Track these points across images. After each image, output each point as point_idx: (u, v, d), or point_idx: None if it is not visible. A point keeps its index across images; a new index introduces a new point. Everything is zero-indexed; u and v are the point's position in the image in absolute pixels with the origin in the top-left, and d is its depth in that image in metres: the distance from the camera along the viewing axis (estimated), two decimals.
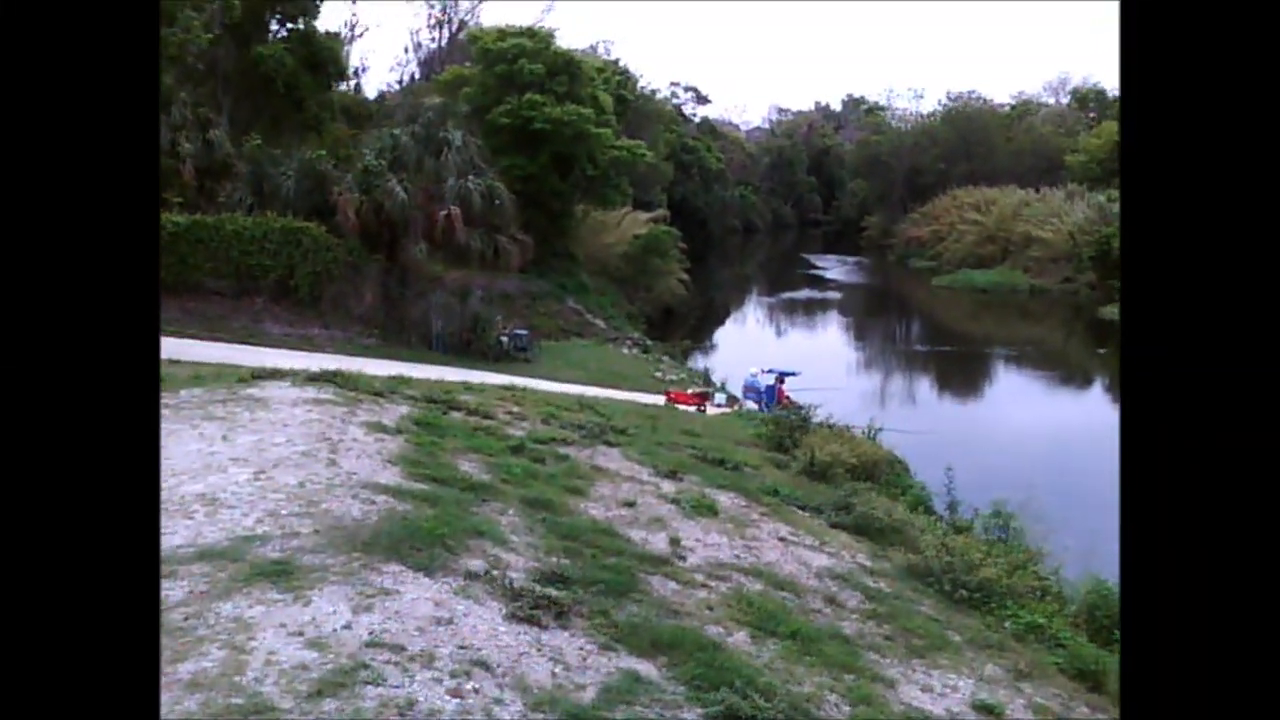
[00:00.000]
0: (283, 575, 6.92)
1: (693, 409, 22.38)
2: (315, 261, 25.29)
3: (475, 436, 12.50)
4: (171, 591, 6.57)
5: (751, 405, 24.85)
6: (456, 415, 13.81)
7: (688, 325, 49.83)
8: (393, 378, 16.40)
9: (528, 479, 11.08)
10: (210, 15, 27.48)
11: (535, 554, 8.62)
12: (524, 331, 27.82)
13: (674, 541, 10.15)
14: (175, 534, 7.61)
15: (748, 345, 47.71)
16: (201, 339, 22.93)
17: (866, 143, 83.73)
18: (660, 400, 23.31)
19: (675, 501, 11.82)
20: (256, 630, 6.09)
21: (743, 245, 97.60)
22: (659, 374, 27.87)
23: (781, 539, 11.51)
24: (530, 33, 37.14)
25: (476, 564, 7.87)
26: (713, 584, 9.21)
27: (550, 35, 37.99)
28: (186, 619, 6.22)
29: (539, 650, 6.64)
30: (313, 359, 22.17)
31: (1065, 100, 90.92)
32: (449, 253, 26.62)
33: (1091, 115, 79.10)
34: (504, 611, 7.06)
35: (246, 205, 25.80)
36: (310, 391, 13.19)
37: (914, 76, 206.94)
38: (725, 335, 52.96)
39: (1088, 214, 53.16)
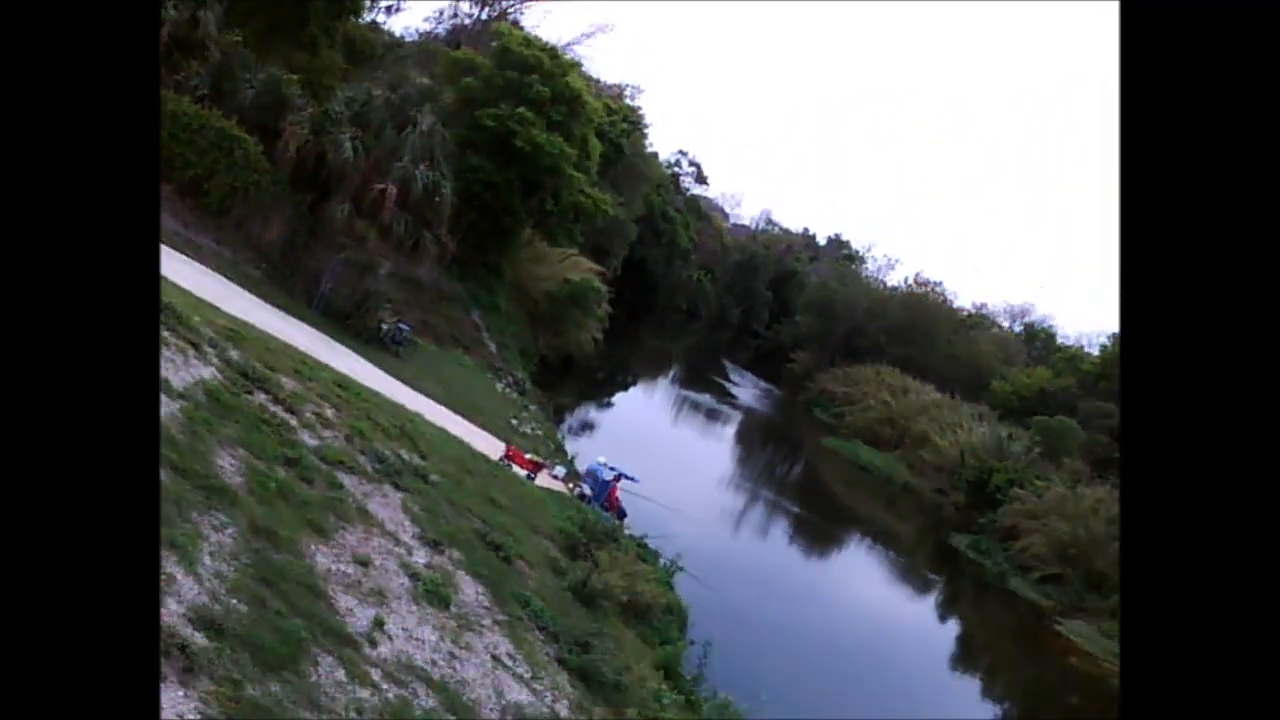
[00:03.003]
0: None
1: (524, 474, 22.17)
2: (238, 176, 24.69)
3: (258, 430, 12.13)
4: None
5: (585, 491, 24.76)
6: (260, 398, 13.43)
7: (583, 381, 49.86)
8: (230, 328, 15.93)
9: (278, 499, 10.76)
10: None
11: (216, 587, 8.32)
12: (407, 327, 27.41)
13: (378, 623, 9.92)
14: None
15: (633, 424, 47.87)
16: None
17: (828, 286, 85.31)
18: (500, 449, 23.07)
19: (415, 576, 11.59)
20: None
21: (680, 326, 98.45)
22: (516, 421, 27.62)
23: (495, 658, 11.32)
24: (554, 53, 37.21)
25: None
26: (384, 686, 8.98)
27: (573, 64, 38.14)
28: None
29: None
30: (186, 268, 21.59)
31: (1019, 329, 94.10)
32: (371, 225, 26.19)
33: (1033, 354, 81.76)
34: None
35: (200, 95, 25.15)
36: None
37: (902, 238, 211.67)
38: (631, 410, 53.26)
39: (985, 440, 54.62)
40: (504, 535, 15.40)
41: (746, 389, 73.71)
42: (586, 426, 43.38)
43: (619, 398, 57.39)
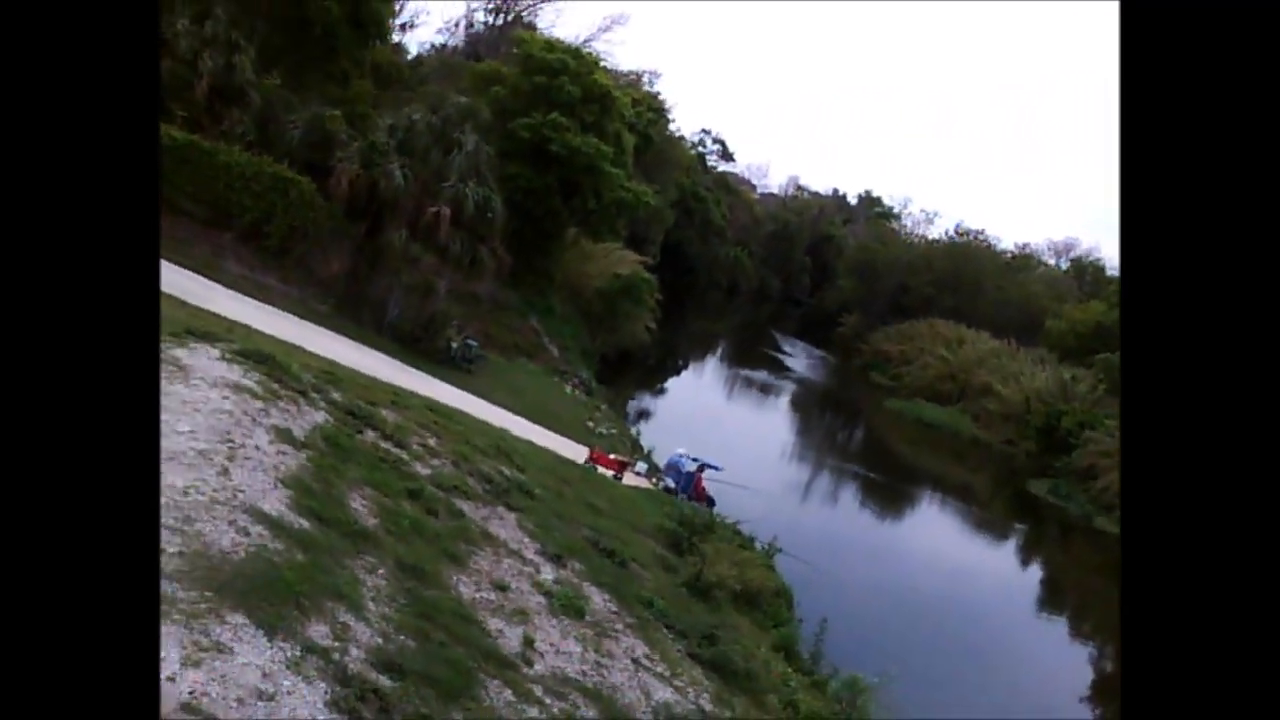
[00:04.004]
0: None
1: (610, 474, 22.52)
2: (296, 215, 25.24)
3: (379, 468, 12.54)
4: None
5: (669, 484, 25.07)
6: (370, 435, 13.85)
7: (638, 371, 50.17)
8: (325, 371, 16.38)
9: (412, 534, 11.16)
10: None
11: (386, 629, 8.71)
12: (475, 343, 27.86)
13: (528, 642, 10.28)
14: None
15: (690, 408, 48.09)
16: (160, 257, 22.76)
17: (867, 247, 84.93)
18: (583, 453, 23.44)
19: (548, 593, 11.95)
20: None
21: (722, 304, 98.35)
22: (592, 423, 27.99)
23: (635, 660, 11.67)
24: (576, 53, 37.40)
25: (322, 631, 7.95)
26: (548, 700, 9.34)
27: (596, 62, 38.30)
28: None
29: None
30: (261, 310, 22.17)
31: (1065, 265, 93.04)
32: (428, 247, 26.62)
33: (1084, 289, 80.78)
34: (328, 696, 7.15)
35: (247, 140, 25.70)
36: (236, 371, 13.16)
37: (935, 192, 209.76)
38: (684, 394, 53.48)
39: (1048, 384, 54.21)
40: (613, 540, 15.74)
41: (799, 359, 73.62)
42: (643, 414, 43.66)
43: (672, 383, 57.65)
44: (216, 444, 10.44)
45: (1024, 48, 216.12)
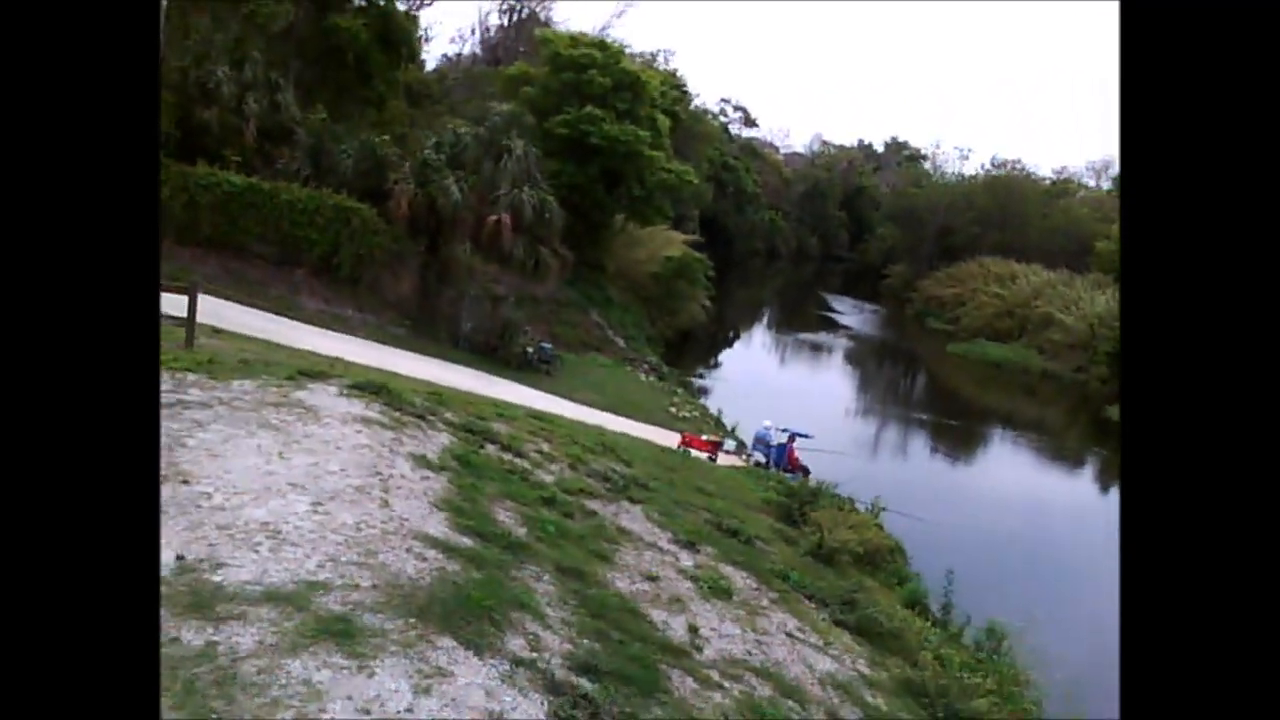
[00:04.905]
0: (346, 636, 7.29)
1: (705, 456, 22.77)
2: (361, 243, 25.69)
3: (510, 480, 12.85)
4: (242, 638, 6.93)
5: (759, 458, 25.26)
6: (491, 449, 14.19)
7: (700, 348, 50.28)
8: (430, 393, 16.75)
9: (559, 538, 11.45)
10: None
11: (569, 633, 8.99)
12: (548, 345, 28.23)
13: (692, 629, 10.54)
14: (243, 567, 7.98)
15: (752, 378, 48.11)
16: (239, 302, 23.30)
17: (904, 193, 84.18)
18: (674, 438, 23.71)
19: (694, 579, 12.21)
20: (326, 700, 6.46)
21: (763, 270, 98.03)
22: (673, 408, 28.23)
23: (789, 634, 11.90)
24: (601, 44, 37.51)
25: (519, 643, 8.25)
26: (727, 684, 9.59)
27: (621, 50, 38.40)
28: (259, 673, 6.59)
29: None
30: (345, 342, 22.64)
31: (1106, 185, 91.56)
32: (491, 256, 26.99)
33: None
34: (547, 708, 7.45)
35: (303, 176, 26.17)
36: (358, 405, 13.55)
37: (964, 130, 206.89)
38: (737, 365, 53.47)
39: (1110, 306, 53.54)
40: (731, 520, 15.98)
41: (850, 315, 73.27)
42: (703, 391, 43.74)
43: (728, 355, 57.64)
44: (368, 478, 10.80)
45: None
